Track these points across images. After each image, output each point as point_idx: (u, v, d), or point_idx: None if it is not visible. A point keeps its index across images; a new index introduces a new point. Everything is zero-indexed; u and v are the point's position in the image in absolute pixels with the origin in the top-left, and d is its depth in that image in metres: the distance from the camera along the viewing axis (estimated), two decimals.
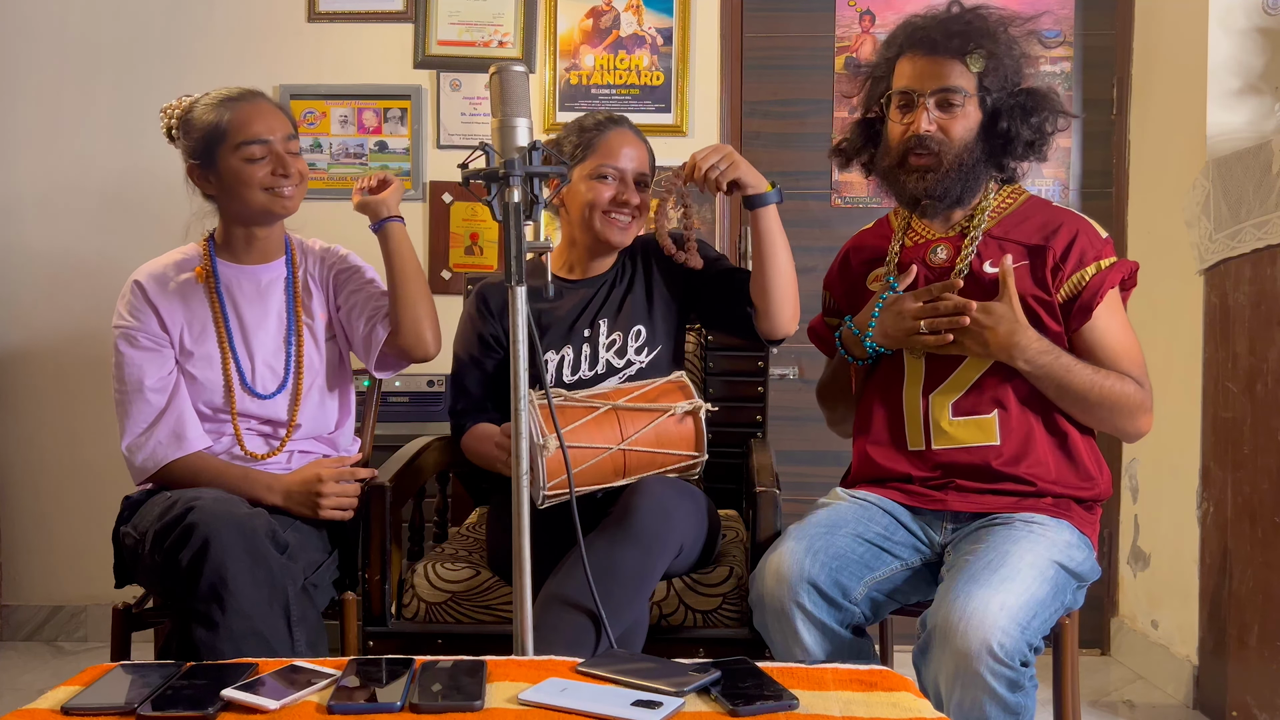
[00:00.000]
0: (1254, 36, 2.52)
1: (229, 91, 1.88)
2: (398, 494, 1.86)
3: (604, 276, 2.01)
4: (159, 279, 1.89)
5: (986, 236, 1.78)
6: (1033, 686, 1.53)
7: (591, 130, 1.93)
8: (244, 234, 1.91)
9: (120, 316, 1.87)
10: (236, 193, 1.84)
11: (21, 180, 3.03)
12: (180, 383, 1.86)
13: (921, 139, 1.75)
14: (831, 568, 1.65)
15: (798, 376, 3.04)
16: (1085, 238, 1.74)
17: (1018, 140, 1.78)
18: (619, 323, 1.97)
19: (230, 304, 1.89)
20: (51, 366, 3.05)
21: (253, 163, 1.82)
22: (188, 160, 1.87)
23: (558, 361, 1.95)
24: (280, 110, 1.89)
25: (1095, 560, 1.73)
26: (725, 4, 2.96)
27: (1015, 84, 1.77)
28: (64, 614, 3.06)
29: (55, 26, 3.00)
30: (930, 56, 1.76)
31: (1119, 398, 1.71)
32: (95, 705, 1.14)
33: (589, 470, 1.77)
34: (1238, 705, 2.37)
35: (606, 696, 1.17)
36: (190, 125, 1.85)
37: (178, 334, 1.87)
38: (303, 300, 1.93)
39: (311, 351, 1.93)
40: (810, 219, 3.02)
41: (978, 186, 1.81)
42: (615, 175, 1.91)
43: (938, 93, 1.75)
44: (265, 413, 1.88)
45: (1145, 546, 2.84)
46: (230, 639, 1.56)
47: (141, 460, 1.82)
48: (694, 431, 1.83)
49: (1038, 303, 1.73)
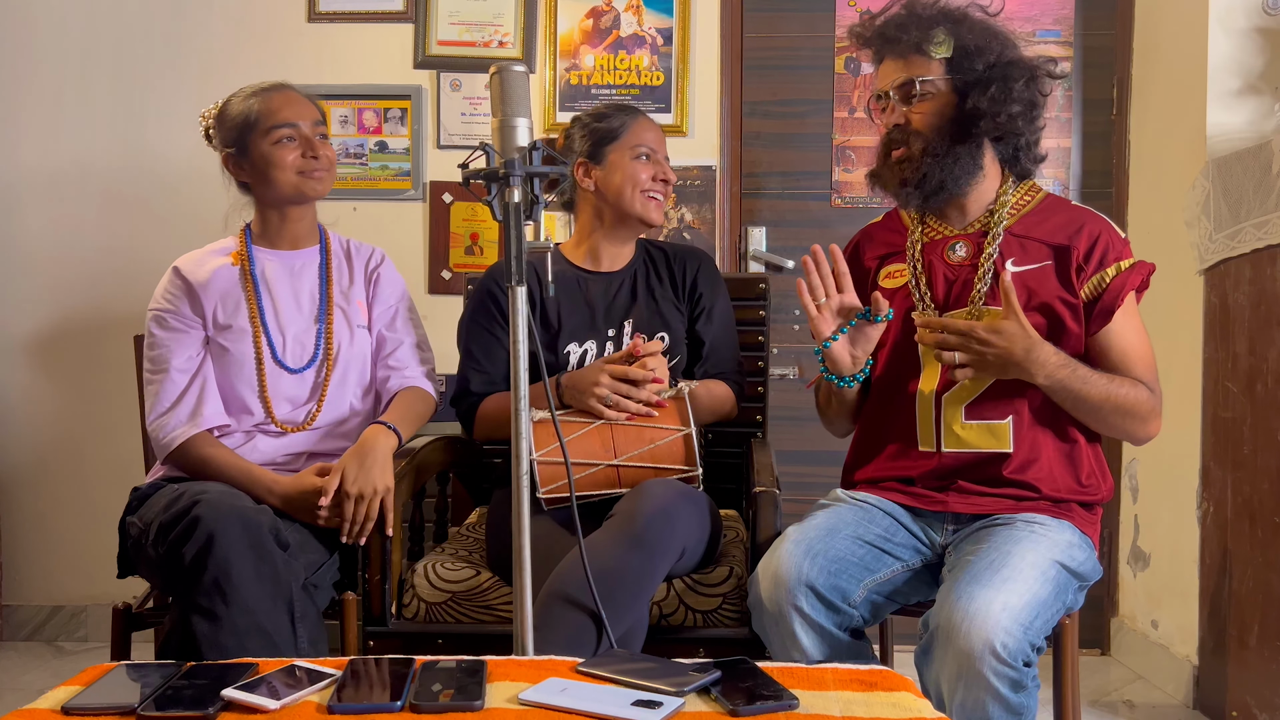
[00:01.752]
0: (1254, 36, 2.52)
1: (259, 84, 1.98)
2: (397, 494, 1.86)
3: (625, 270, 2.05)
4: (196, 262, 1.99)
5: (1007, 234, 1.77)
6: (1035, 686, 1.52)
7: (617, 115, 2.03)
8: (278, 218, 2.00)
9: (155, 300, 1.97)
10: (269, 176, 1.94)
11: (22, 177, 3.03)
12: (206, 363, 1.92)
13: (890, 134, 1.80)
14: (830, 571, 1.65)
15: (798, 376, 3.04)
16: (1107, 237, 1.73)
17: (992, 112, 1.74)
18: (643, 325, 2.02)
19: (264, 284, 1.97)
20: (52, 366, 3.05)
21: (284, 146, 1.92)
22: (223, 150, 1.97)
23: (580, 354, 1.97)
24: (309, 99, 2.00)
25: (1096, 560, 1.73)
26: (725, 4, 2.96)
27: (988, 62, 1.75)
28: (64, 614, 3.06)
29: (56, 26, 3.00)
30: (892, 57, 1.80)
31: (1132, 405, 1.70)
32: (95, 705, 1.14)
33: (583, 480, 1.79)
34: (1238, 705, 2.37)
35: (606, 696, 1.17)
36: (224, 118, 1.96)
37: (211, 310, 1.94)
38: (337, 283, 2.01)
39: (342, 331, 1.98)
40: (810, 219, 3.02)
41: (966, 172, 1.77)
42: (650, 154, 2.00)
43: (900, 86, 1.78)
44: (295, 387, 1.93)
45: (1145, 546, 2.84)
46: (233, 633, 1.56)
47: (163, 437, 1.88)
48: (684, 451, 1.83)
49: (1063, 304, 1.72)
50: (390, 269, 2.09)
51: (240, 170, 1.97)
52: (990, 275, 1.75)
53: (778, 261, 3.01)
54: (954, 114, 1.76)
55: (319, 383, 1.95)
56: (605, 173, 2.00)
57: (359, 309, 2.02)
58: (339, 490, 1.79)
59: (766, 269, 3.03)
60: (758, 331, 2.29)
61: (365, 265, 2.06)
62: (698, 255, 2.13)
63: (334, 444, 1.95)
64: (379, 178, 2.99)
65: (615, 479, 1.83)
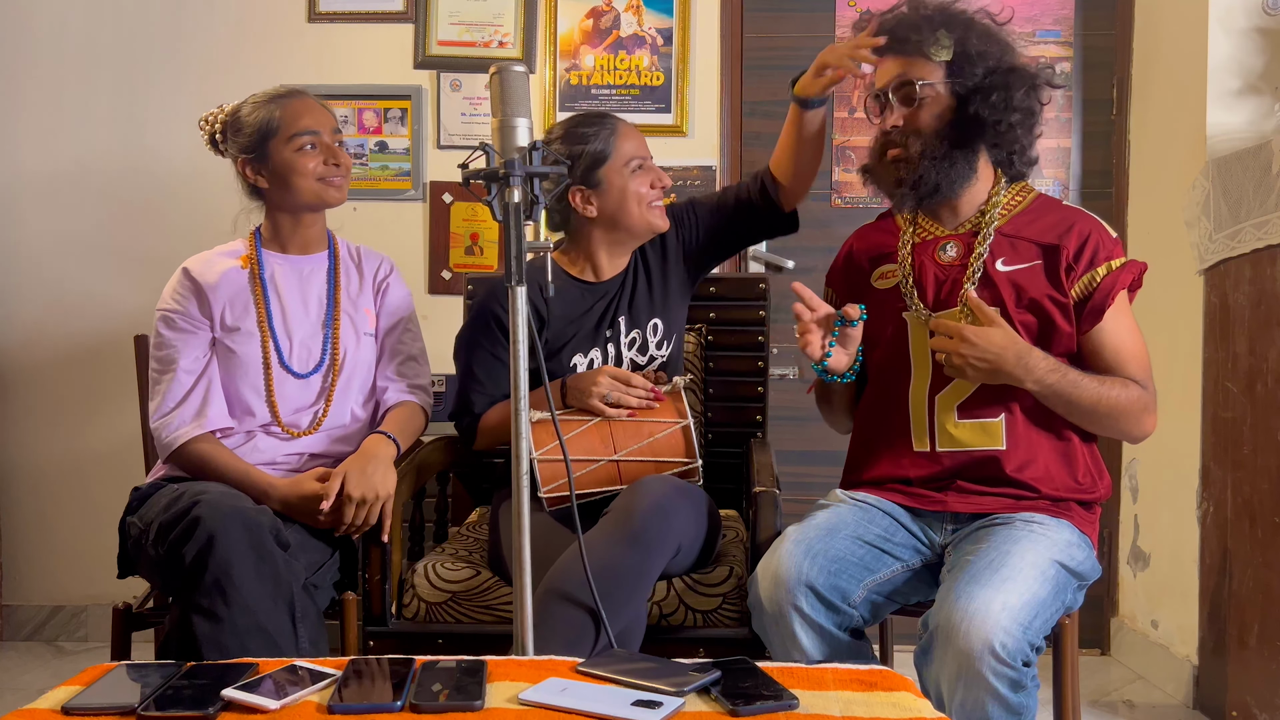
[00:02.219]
0: (1254, 36, 2.52)
1: (275, 90, 1.99)
2: (398, 494, 1.86)
3: (621, 276, 2.04)
4: (205, 264, 1.99)
5: (998, 234, 1.77)
6: (1035, 686, 1.53)
7: (595, 132, 1.95)
8: (290, 224, 2.00)
9: (164, 300, 1.97)
10: (290, 182, 1.94)
11: (22, 178, 3.03)
12: (212, 364, 1.92)
13: (887, 133, 1.79)
14: (830, 571, 1.65)
15: (797, 377, 3.04)
16: (1097, 237, 1.74)
17: (992, 120, 1.74)
18: (635, 319, 2.00)
19: (272, 288, 1.97)
20: (52, 365, 3.05)
21: (305, 153, 1.92)
22: (239, 156, 1.96)
23: (586, 364, 1.97)
24: (325, 107, 2.00)
25: (1095, 559, 1.73)
26: (725, 4, 2.96)
27: (989, 68, 1.75)
28: (64, 614, 3.06)
29: (56, 27, 3.00)
30: (894, 55, 1.78)
31: (1125, 405, 1.70)
32: (95, 705, 1.14)
33: (584, 478, 1.79)
34: (1238, 705, 2.37)
35: (606, 696, 1.17)
36: (240, 124, 1.95)
37: (219, 312, 1.94)
38: (345, 289, 2.01)
39: (349, 337, 1.98)
40: (810, 219, 2.99)
41: (961, 176, 1.78)
42: (642, 163, 1.98)
43: (899, 88, 1.77)
44: (301, 392, 1.93)
45: (1145, 546, 2.84)
46: (234, 634, 1.57)
47: (166, 436, 1.88)
48: (683, 443, 1.84)
49: (1052, 303, 1.72)
50: (399, 280, 2.10)
51: (259, 177, 1.96)
52: (979, 275, 1.75)
53: (778, 262, 3.01)
54: (953, 118, 1.76)
55: (325, 388, 1.95)
56: (604, 196, 1.96)
57: (366, 316, 2.02)
58: (340, 494, 1.79)
59: (766, 269, 3.03)
60: (758, 332, 2.30)
61: (374, 274, 2.07)
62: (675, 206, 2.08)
63: (335, 448, 1.95)
64: (379, 178, 2.99)
65: (616, 475, 1.84)
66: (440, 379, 2.66)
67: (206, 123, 2.01)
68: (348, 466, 1.82)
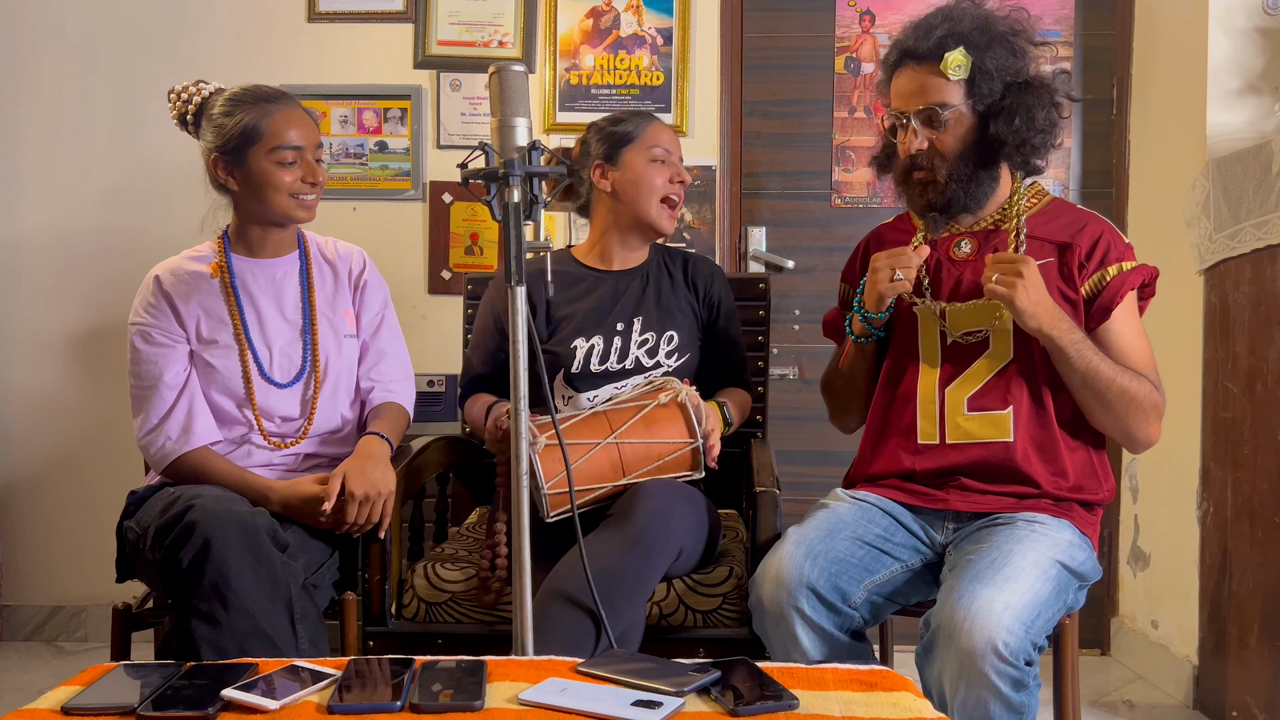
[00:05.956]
0: (1254, 36, 2.52)
1: (261, 91, 1.89)
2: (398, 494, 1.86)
3: (636, 270, 2.06)
4: (176, 273, 1.92)
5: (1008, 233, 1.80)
6: (1036, 685, 1.53)
7: (632, 119, 2.05)
8: (259, 232, 1.94)
9: (137, 313, 1.90)
10: (262, 194, 1.87)
11: (21, 177, 3.03)
12: (193, 377, 1.88)
13: (914, 158, 1.79)
14: (831, 572, 1.65)
15: (798, 376, 3.04)
16: (1109, 238, 1.76)
17: (1016, 142, 1.75)
18: (653, 324, 2.02)
19: (245, 296, 1.92)
20: (51, 366, 3.05)
21: (284, 168, 1.86)
22: (213, 151, 1.88)
23: (586, 349, 1.97)
24: (311, 119, 1.93)
25: (1096, 560, 1.73)
26: (725, 4, 2.96)
27: (1006, 83, 1.75)
28: (64, 614, 3.06)
29: (55, 25, 3.00)
30: (914, 75, 1.77)
31: (1138, 396, 1.70)
32: (95, 705, 1.14)
33: (587, 466, 1.77)
34: (1238, 705, 2.37)
35: (606, 696, 1.17)
36: (221, 122, 1.86)
37: (194, 326, 1.89)
38: (320, 291, 1.96)
39: (329, 342, 1.94)
40: (810, 219, 3.02)
41: (986, 190, 1.80)
42: (666, 155, 2.03)
43: (921, 112, 1.77)
44: (284, 402, 1.90)
45: (1145, 546, 2.84)
46: (233, 636, 1.56)
47: (154, 453, 1.85)
48: (683, 416, 1.83)
49: (1064, 299, 1.74)
50: (374, 274, 2.05)
51: (230, 178, 1.88)
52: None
53: (778, 261, 3.01)
54: (976, 137, 1.77)
55: (308, 397, 1.91)
56: (621, 174, 2.02)
57: (345, 318, 1.98)
58: (341, 493, 1.78)
59: (766, 269, 3.03)
60: (758, 331, 2.30)
61: (349, 271, 2.01)
62: (711, 264, 2.16)
63: (328, 449, 1.94)
64: (379, 178, 2.99)
65: (619, 461, 1.81)
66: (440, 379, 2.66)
67: (176, 96, 1.92)
68: (347, 467, 1.81)
